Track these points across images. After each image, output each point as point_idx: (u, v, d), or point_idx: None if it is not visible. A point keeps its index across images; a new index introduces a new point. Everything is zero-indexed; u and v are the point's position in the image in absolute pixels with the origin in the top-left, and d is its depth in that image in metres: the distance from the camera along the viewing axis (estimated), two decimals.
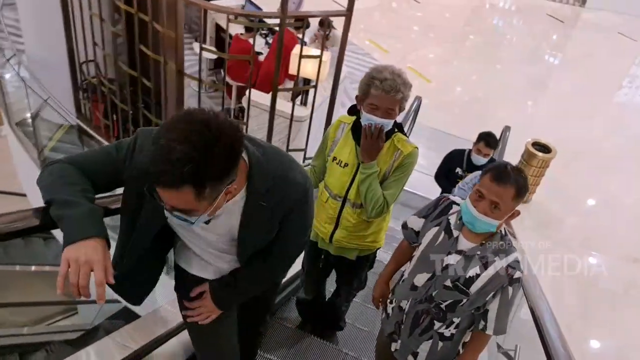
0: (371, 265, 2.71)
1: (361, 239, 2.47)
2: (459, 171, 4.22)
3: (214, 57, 6.01)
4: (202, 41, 3.89)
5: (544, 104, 9.10)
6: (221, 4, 5.48)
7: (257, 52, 5.55)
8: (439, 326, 2.01)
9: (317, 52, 4.27)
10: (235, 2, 6.80)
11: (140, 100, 4.40)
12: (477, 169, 3.92)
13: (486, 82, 9.55)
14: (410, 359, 2.14)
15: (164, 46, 3.76)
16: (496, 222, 1.81)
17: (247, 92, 4.93)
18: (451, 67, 9.89)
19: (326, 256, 2.65)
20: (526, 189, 1.80)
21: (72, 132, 5.60)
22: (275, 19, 3.51)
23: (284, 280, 2.52)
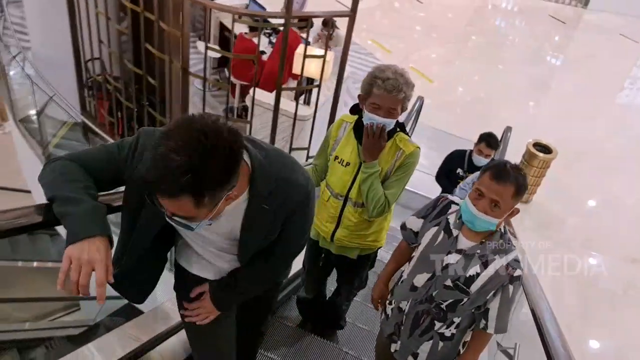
0: (372, 264, 2.70)
1: (362, 238, 2.46)
2: (460, 172, 4.22)
3: (218, 55, 6.03)
4: (207, 40, 3.92)
5: (545, 105, 9.09)
6: (225, 3, 5.51)
7: (261, 52, 5.56)
8: (439, 326, 2.00)
9: (321, 51, 4.28)
10: (239, 1, 6.80)
11: (145, 98, 4.43)
12: (478, 169, 3.93)
13: (488, 82, 9.52)
14: (410, 359, 2.13)
15: (169, 45, 3.79)
16: (496, 221, 1.80)
17: (250, 91, 4.97)
18: (453, 67, 9.86)
19: (327, 255, 2.65)
20: (525, 187, 1.79)
21: (76, 129, 5.62)
22: (279, 19, 3.53)
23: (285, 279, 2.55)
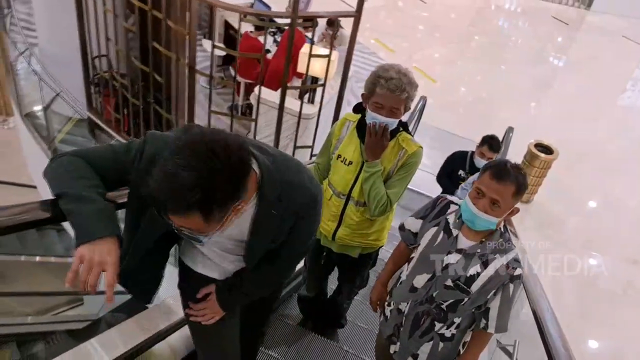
0: (374, 263, 2.69)
1: (364, 237, 2.46)
2: (461, 173, 4.24)
3: (223, 53, 6.07)
4: (213, 39, 3.96)
5: (547, 106, 9.10)
6: (231, 1, 5.53)
7: (266, 50, 5.60)
8: (439, 327, 1.99)
9: (325, 51, 4.33)
10: (243, 0, 6.84)
11: (151, 95, 4.46)
12: None
13: (490, 82, 9.53)
14: None
15: (176, 43, 3.83)
16: (496, 220, 1.80)
17: (255, 89, 5.01)
18: (456, 68, 9.87)
19: (328, 254, 2.65)
20: (526, 186, 1.79)
21: (82, 125, 5.66)
22: (286, 19, 3.57)
23: None
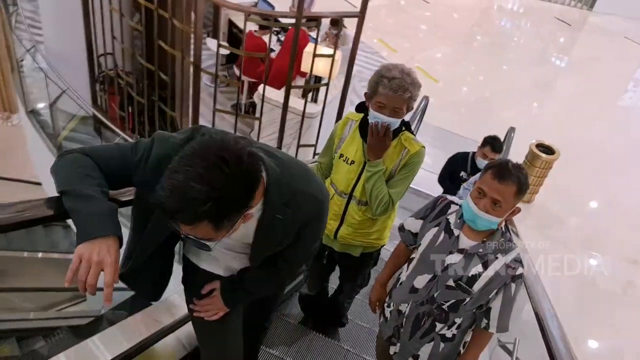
0: (375, 262, 2.69)
1: (366, 237, 2.45)
2: (463, 175, 4.23)
3: (227, 52, 6.11)
4: (219, 38, 4.00)
5: (549, 106, 9.11)
6: (234, 0, 5.57)
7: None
8: (440, 327, 1.99)
9: (328, 50, 4.37)
10: None
11: (156, 93, 4.50)
12: None
13: (493, 83, 9.55)
14: None
15: (182, 42, 3.87)
16: (497, 220, 1.80)
17: (258, 88, 5.05)
18: (458, 68, 9.88)
19: (330, 252, 2.64)
20: (527, 186, 1.78)
21: (86, 123, 5.69)
22: (290, 19, 3.61)
23: None
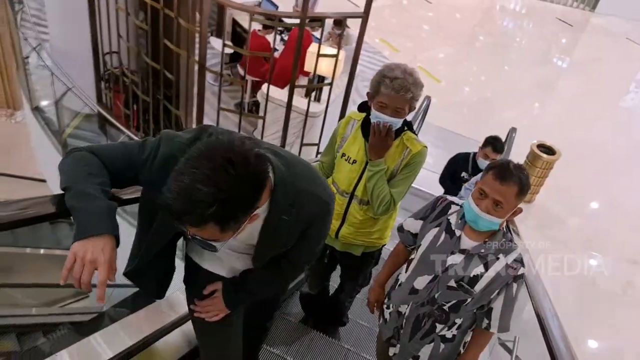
0: (376, 262, 2.69)
1: (367, 236, 2.46)
2: (464, 175, 4.22)
3: (230, 51, 6.14)
4: (224, 38, 4.03)
5: (550, 107, 9.12)
6: (238, 0, 5.61)
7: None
8: (440, 328, 1.99)
9: (331, 50, 4.41)
10: None
11: (161, 92, 4.54)
12: None
13: (494, 83, 9.57)
14: None
15: (187, 41, 3.91)
16: (499, 220, 1.80)
17: (262, 87, 5.10)
18: (460, 68, 9.90)
19: (331, 252, 2.63)
20: (528, 187, 1.79)
21: (90, 120, 5.73)
22: (295, 19, 3.66)
23: None
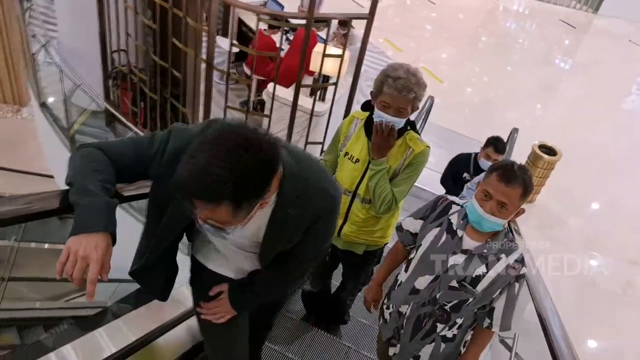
0: (378, 260, 2.70)
1: (369, 234, 2.47)
2: (466, 176, 4.23)
3: (236, 50, 6.20)
4: (231, 37, 4.09)
5: (552, 108, 9.15)
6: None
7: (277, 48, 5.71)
8: (441, 328, 1.99)
9: (336, 50, 4.47)
10: None
11: (168, 90, 4.60)
12: None
13: (497, 83, 9.60)
14: None
15: (195, 40, 3.97)
16: (503, 222, 1.80)
17: (267, 86, 5.15)
18: (463, 68, 9.93)
19: (333, 250, 2.65)
20: (532, 188, 1.79)
21: (97, 117, 5.79)
22: (301, 20, 3.72)
23: None
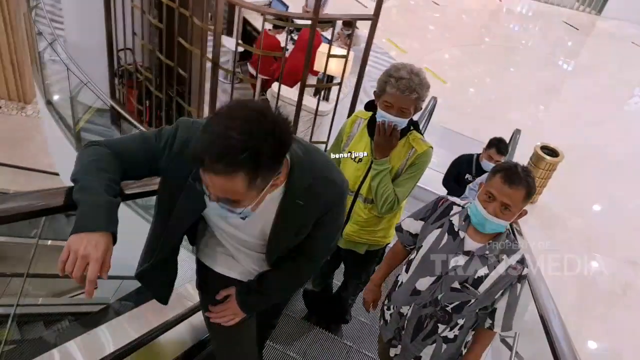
0: (380, 260, 2.69)
1: (371, 234, 2.47)
2: (468, 177, 4.23)
3: (241, 49, 6.25)
4: (238, 37, 4.14)
5: (555, 109, 9.18)
6: None
7: (282, 48, 5.75)
8: (443, 329, 1.99)
9: (340, 50, 4.52)
10: None
11: (174, 89, 4.65)
12: None
13: (500, 85, 9.63)
14: None
15: (201, 39, 4.02)
16: (506, 223, 1.80)
17: (271, 85, 5.21)
18: (466, 69, 9.96)
19: (335, 249, 2.75)
20: (535, 190, 1.79)
21: (102, 115, 5.84)
22: (306, 20, 3.76)
23: None
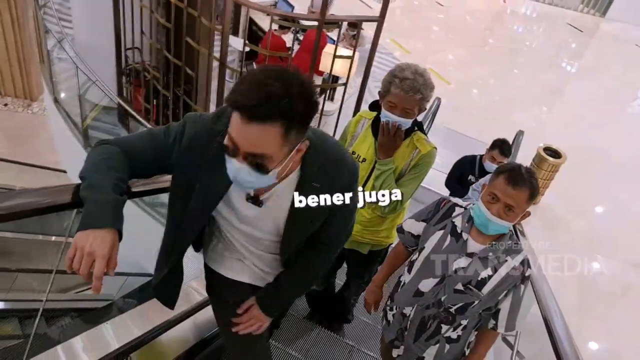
0: (383, 260, 2.66)
1: (374, 234, 2.47)
2: (471, 178, 4.23)
3: (247, 49, 6.30)
4: (245, 37, 4.19)
5: (558, 111, 9.19)
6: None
7: (288, 48, 5.79)
8: (446, 329, 1.98)
9: (345, 51, 4.56)
10: None
11: (181, 88, 4.70)
12: None
13: (503, 86, 9.65)
14: None
15: (209, 39, 4.07)
16: (509, 224, 1.79)
17: None
18: (470, 70, 9.97)
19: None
20: (538, 191, 1.79)
21: (109, 112, 5.89)
22: (313, 22, 3.81)
23: None
